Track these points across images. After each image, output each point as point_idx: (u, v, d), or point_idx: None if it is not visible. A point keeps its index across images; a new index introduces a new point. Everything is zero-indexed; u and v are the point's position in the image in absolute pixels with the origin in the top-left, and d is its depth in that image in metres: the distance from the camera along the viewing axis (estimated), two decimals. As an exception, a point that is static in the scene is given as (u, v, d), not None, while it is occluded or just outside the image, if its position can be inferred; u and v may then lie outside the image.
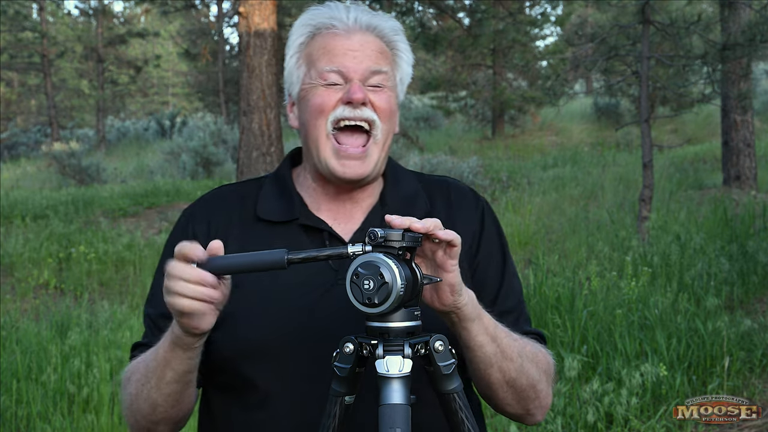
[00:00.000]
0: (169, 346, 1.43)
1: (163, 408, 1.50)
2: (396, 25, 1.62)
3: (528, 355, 1.55)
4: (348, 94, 1.53)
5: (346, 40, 1.56)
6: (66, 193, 14.66)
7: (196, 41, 27.53)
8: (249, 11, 10.28)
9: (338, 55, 1.55)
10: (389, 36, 1.61)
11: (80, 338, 5.68)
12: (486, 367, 1.50)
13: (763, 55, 10.57)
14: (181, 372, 1.45)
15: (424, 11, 17.87)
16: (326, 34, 1.57)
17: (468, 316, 1.43)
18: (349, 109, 1.54)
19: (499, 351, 1.49)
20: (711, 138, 18.55)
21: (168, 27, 42.24)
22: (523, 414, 1.60)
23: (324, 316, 1.52)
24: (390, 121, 1.59)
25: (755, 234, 7.80)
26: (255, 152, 10.43)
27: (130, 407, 1.55)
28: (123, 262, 9.26)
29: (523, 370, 1.53)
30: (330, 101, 1.55)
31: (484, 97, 21.49)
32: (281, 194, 1.64)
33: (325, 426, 1.39)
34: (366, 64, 1.55)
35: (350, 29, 1.57)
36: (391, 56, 1.61)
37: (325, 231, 1.59)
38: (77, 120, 38.26)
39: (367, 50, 1.56)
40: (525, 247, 8.93)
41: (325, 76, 1.55)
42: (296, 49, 1.60)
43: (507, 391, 1.54)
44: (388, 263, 1.30)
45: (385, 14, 1.62)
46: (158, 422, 1.53)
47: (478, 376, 1.53)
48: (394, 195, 1.64)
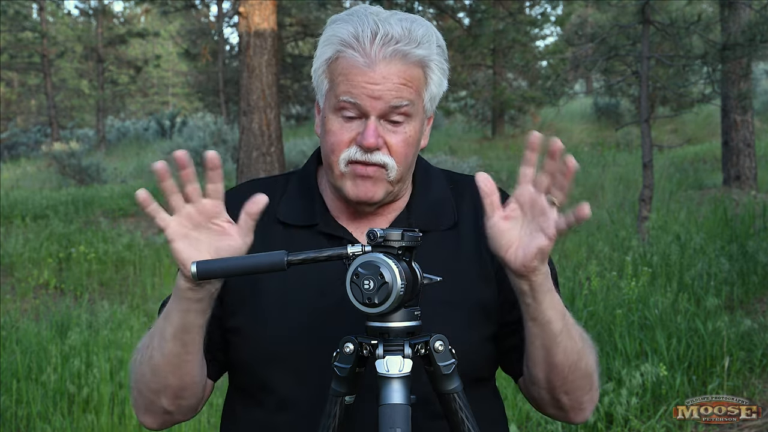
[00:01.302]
0: (171, 297, 1.44)
1: (163, 373, 1.47)
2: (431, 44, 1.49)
3: (585, 340, 1.52)
4: (362, 138, 1.47)
5: (367, 72, 1.45)
6: (66, 193, 14.66)
7: (196, 41, 27.53)
8: (249, 11, 10.28)
9: (357, 87, 1.46)
10: (423, 59, 1.49)
11: (80, 338, 5.68)
12: (551, 345, 1.45)
13: (763, 55, 10.57)
14: (178, 326, 1.42)
15: (424, 11, 17.87)
16: (349, 61, 1.47)
17: (542, 286, 1.41)
18: (361, 153, 1.48)
19: (565, 329, 1.45)
20: (711, 138, 18.55)
21: (168, 27, 42.24)
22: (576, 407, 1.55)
23: (342, 319, 1.50)
24: (406, 159, 1.52)
25: (755, 234, 7.81)
26: (255, 152, 10.43)
27: (135, 376, 1.53)
28: (123, 262, 9.26)
29: (583, 354, 1.49)
30: (344, 139, 1.48)
31: (484, 97, 21.48)
32: (304, 196, 1.60)
33: (325, 426, 1.39)
34: (386, 100, 1.46)
35: (373, 60, 1.45)
36: (421, 79, 1.50)
37: (345, 239, 1.55)
38: (77, 120, 38.26)
39: (389, 83, 1.45)
40: (525, 247, 8.92)
41: (343, 105, 1.48)
42: (321, 64, 1.52)
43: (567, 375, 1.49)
44: (388, 263, 1.30)
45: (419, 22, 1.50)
46: (159, 391, 1.50)
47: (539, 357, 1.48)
48: (421, 202, 1.61)
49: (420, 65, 1.49)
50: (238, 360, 1.56)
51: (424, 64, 1.50)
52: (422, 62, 1.49)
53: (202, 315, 1.43)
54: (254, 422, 1.57)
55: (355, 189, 1.51)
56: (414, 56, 1.47)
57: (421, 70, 1.50)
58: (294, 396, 1.52)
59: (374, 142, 1.46)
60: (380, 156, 1.49)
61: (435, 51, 1.51)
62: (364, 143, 1.46)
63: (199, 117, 29.73)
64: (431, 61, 1.50)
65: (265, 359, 1.52)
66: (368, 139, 1.46)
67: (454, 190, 1.64)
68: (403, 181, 1.56)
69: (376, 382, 1.34)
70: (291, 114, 22.68)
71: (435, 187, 1.63)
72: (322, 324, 1.52)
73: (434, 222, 1.58)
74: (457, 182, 1.67)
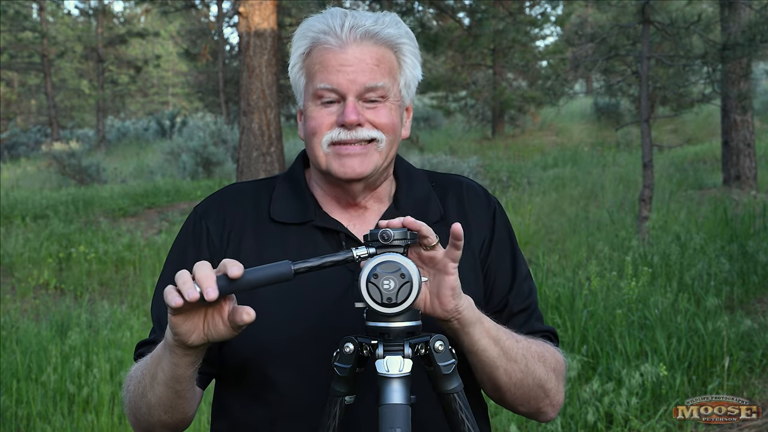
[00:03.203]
0: (162, 344, 1.42)
1: (156, 411, 1.48)
2: (397, 31, 1.55)
3: (533, 355, 1.54)
4: (342, 116, 1.50)
5: (340, 54, 1.50)
6: (66, 193, 14.66)
7: (196, 41, 27.51)
8: (249, 11, 10.28)
9: (332, 72, 1.50)
10: (391, 40, 1.54)
11: (80, 338, 5.68)
12: (491, 370, 1.50)
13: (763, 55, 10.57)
14: (169, 375, 1.41)
15: (424, 11, 17.86)
16: (321, 48, 1.52)
17: (469, 319, 1.43)
18: (345, 132, 1.51)
19: (502, 353, 1.49)
20: (711, 138, 18.54)
21: (168, 27, 42.22)
22: (535, 412, 1.60)
23: (342, 316, 1.51)
24: (393, 132, 1.55)
25: (755, 234, 7.81)
26: (255, 152, 10.43)
27: (130, 405, 1.54)
28: (123, 262, 9.26)
29: (528, 371, 1.53)
30: (324, 122, 1.52)
31: (484, 97, 21.48)
32: (295, 195, 1.62)
33: (325, 426, 1.39)
34: (361, 80, 1.50)
35: (345, 42, 1.51)
36: (393, 62, 1.55)
37: (341, 233, 1.57)
38: (77, 120, 38.28)
39: (362, 64, 1.50)
40: (525, 247, 8.93)
41: (320, 93, 1.51)
42: (297, 59, 1.57)
43: (515, 392, 1.54)
44: (407, 262, 1.32)
45: (388, 17, 1.56)
46: (155, 425, 1.51)
47: (484, 380, 1.53)
48: (407, 197, 1.63)
49: (391, 47, 1.54)
50: (239, 357, 1.55)
51: (396, 48, 1.55)
52: (393, 44, 1.54)
53: (191, 366, 1.41)
54: (253, 421, 1.56)
55: (342, 167, 1.53)
56: (384, 35, 1.52)
57: (392, 53, 1.55)
58: (294, 392, 1.52)
59: (356, 118, 1.50)
60: (365, 131, 1.52)
61: (405, 34, 1.56)
62: (346, 120, 1.49)
63: (199, 117, 29.76)
64: (402, 43, 1.55)
65: (266, 355, 1.52)
66: (349, 116, 1.49)
67: (436, 187, 1.67)
68: (391, 163, 1.59)
69: (376, 382, 1.34)
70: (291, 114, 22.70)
71: (418, 184, 1.66)
72: (324, 320, 1.52)
73: (423, 215, 1.59)
74: (438, 180, 1.70)
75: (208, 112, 29.45)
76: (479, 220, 1.65)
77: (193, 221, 1.63)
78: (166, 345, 1.39)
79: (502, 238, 1.67)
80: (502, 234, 1.67)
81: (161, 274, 1.63)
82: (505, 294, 1.64)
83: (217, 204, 1.64)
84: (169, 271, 1.61)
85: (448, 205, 1.65)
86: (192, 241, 1.61)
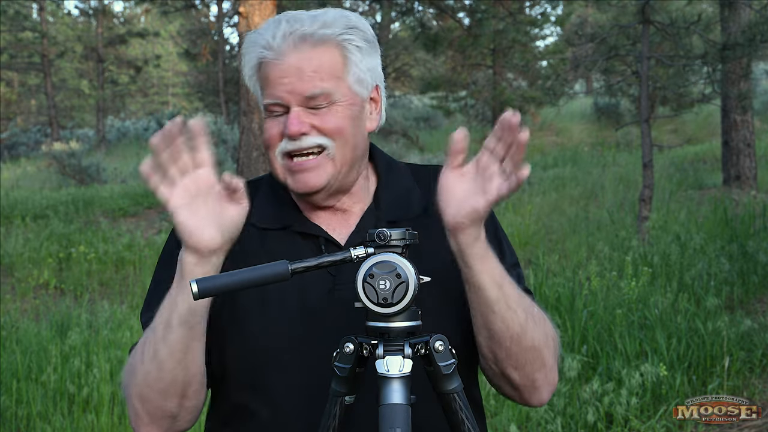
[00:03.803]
0: (175, 283, 1.43)
1: (169, 366, 1.44)
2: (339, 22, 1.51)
3: (534, 316, 1.51)
4: (286, 129, 1.50)
5: (278, 65, 1.49)
6: (66, 193, 14.66)
7: (196, 41, 27.51)
8: (249, 11, 10.29)
9: (274, 86, 1.50)
10: (330, 39, 1.50)
11: (80, 338, 5.68)
12: (488, 312, 1.46)
13: (763, 55, 10.57)
14: (185, 310, 1.41)
15: (424, 11, 17.87)
16: (264, 63, 1.51)
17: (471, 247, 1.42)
18: (291, 142, 1.51)
19: (502, 298, 1.45)
20: (711, 138, 18.54)
21: (168, 27, 42.21)
22: (529, 385, 1.53)
23: (325, 321, 1.51)
24: (343, 135, 1.52)
25: (755, 234, 7.81)
26: (255, 152, 10.43)
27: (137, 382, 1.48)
28: (123, 262, 9.26)
29: (528, 328, 1.48)
30: (274, 134, 1.52)
31: (484, 97, 21.47)
32: (276, 199, 1.62)
33: (325, 426, 1.39)
34: (299, 90, 1.48)
35: (280, 52, 1.48)
36: (335, 61, 1.50)
37: (320, 237, 1.56)
38: (77, 120, 38.27)
39: (300, 73, 1.48)
40: (525, 247, 8.93)
41: (269, 108, 1.52)
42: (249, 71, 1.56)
43: (510, 347, 1.48)
44: (403, 262, 1.32)
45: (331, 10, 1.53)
46: (165, 390, 1.46)
47: (479, 325, 1.49)
48: (386, 195, 1.62)
49: (332, 45, 1.50)
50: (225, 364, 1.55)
51: (338, 44, 1.51)
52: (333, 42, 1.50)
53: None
54: (243, 427, 1.56)
55: (295, 183, 1.53)
56: (320, 36, 1.49)
57: (334, 50, 1.51)
58: (281, 398, 1.52)
59: (297, 129, 1.49)
60: (312, 139, 1.51)
61: (347, 28, 1.51)
62: (288, 132, 1.49)
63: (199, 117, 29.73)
64: (344, 39, 1.51)
65: (251, 361, 1.52)
66: (291, 127, 1.49)
67: (418, 181, 1.66)
68: (353, 165, 1.56)
69: (376, 382, 1.34)
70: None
71: (399, 179, 1.65)
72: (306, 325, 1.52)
73: (403, 211, 1.59)
74: (420, 173, 1.68)
75: (208, 112, 29.45)
76: None
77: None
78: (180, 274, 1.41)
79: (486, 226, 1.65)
80: (486, 222, 1.66)
81: (152, 280, 1.63)
82: None
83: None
84: (158, 276, 1.61)
85: (432, 197, 1.61)
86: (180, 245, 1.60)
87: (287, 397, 1.52)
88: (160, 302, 1.48)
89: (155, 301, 1.50)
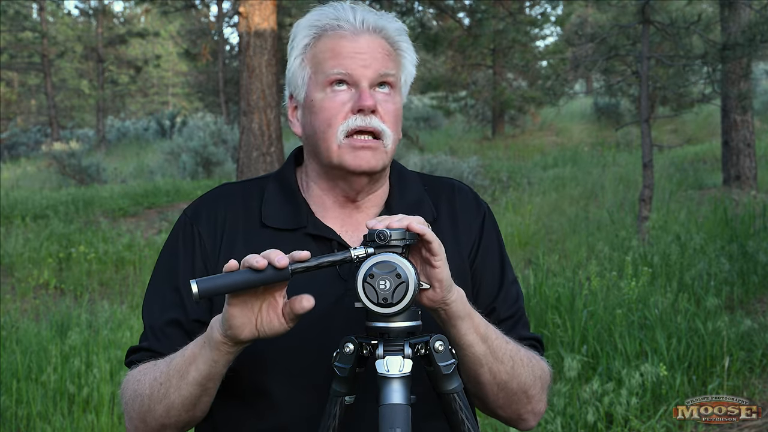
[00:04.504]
0: (199, 344, 1.42)
1: (176, 411, 1.46)
2: (400, 26, 1.56)
3: (521, 360, 1.53)
4: (359, 101, 1.48)
5: (353, 41, 1.50)
6: (66, 193, 14.65)
7: (196, 41, 27.51)
8: (249, 11, 10.28)
9: (346, 58, 1.49)
10: (394, 37, 1.55)
11: (80, 338, 5.68)
12: (476, 367, 1.48)
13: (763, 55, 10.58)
14: (204, 374, 1.41)
15: (424, 11, 17.86)
16: (332, 35, 1.51)
17: (456, 313, 1.42)
18: (360, 118, 1.49)
19: (489, 352, 1.47)
20: (711, 138, 18.54)
21: (168, 27, 42.20)
22: (515, 418, 1.59)
23: (335, 326, 1.50)
24: (397, 128, 1.54)
25: (755, 234, 7.80)
26: (255, 152, 10.43)
27: (141, 410, 1.49)
28: (123, 262, 9.26)
29: (514, 374, 1.51)
30: (340, 110, 1.50)
31: (484, 97, 21.47)
32: (287, 199, 1.59)
33: (325, 426, 1.39)
34: (375, 68, 1.50)
35: (357, 31, 1.51)
36: (396, 58, 1.55)
37: (333, 240, 1.55)
38: (77, 120, 38.27)
39: (375, 53, 1.50)
40: (525, 247, 8.93)
41: (333, 78, 1.50)
42: (300, 51, 1.54)
43: (497, 393, 1.53)
44: (403, 262, 1.31)
45: (389, 14, 1.57)
46: (167, 425, 1.49)
47: (468, 376, 1.51)
48: (400, 201, 1.61)
49: (394, 44, 1.55)
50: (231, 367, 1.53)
51: (397, 44, 1.55)
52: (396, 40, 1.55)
53: (228, 364, 1.43)
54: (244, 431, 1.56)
55: (357, 159, 1.50)
56: (390, 31, 1.54)
57: (394, 49, 1.55)
58: (288, 403, 1.51)
59: (372, 103, 1.49)
60: (377, 121, 1.50)
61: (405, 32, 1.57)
62: (364, 104, 1.48)
63: (199, 117, 29.76)
64: (403, 40, 1.56)
65: (260, 365, 1.52)
66: (366, 100, 1.48)
67: (429, 190, 1.66)
68: (391, 160, 1.58)
69: (376, 382, 1.34)
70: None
71: (411, 187, 1.65)
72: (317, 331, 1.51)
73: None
74: (431, 183, 1.68)
75: (208, 112, 29.45)
76: (469, 224, 1.64)
77: (183, 225, 1.60)
78: (208, 343, 1.40)
79: (491, 243, 1.66)
80: (491, 239, 1.66)
81: (152, 280, 1.60)
82: (492, 299, 1.63)
83: (207, 207, 1.61)
84: (160, 276, 1.59)
85: (440, 208, 1.64)
86: (183, 246, 1.58)
87: (293, 402, 1.51)
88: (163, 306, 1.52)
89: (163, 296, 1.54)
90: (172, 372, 1.45)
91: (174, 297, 1.55)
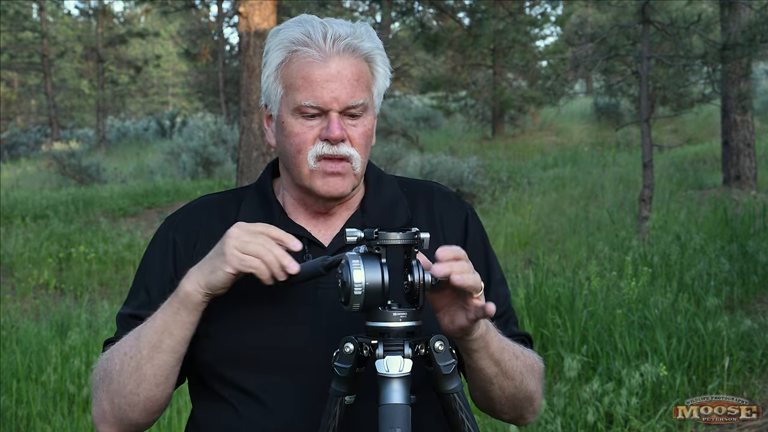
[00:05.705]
0: (170, 312, 1.47)
1: (147, 384, 1.49)
2: (373, 39, 1.56)
3: (528, 369, 1.57)
4: (327, 132, 1.51)
5: (323, 68, 1.50)
6: (66, 193, 14.65)
7: (196, 41, 27.50)
8: (249, 11, 10.28)
9: (316, 88, 1.50)
10: (368, 53, 1.55)
11: (80, 338, 5.68)
12: (486, 385, 1.53)
13: (763, 55, 10.58)
14: (180, 338, 1.47)
15: (424, 11, 17.87)
16: (304, 60, 1.51)
17: (476, 342, 1.45)
18: (328, 146, 1.52)
19: (500, 372, 1.51)
20: (711, 138, 18.53)
21: (168, 27, 42.19)
22: (517, 418, 1.64)
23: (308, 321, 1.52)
24: (366, 150, 1.57)
25: (755, 234, 7.80)
26: (255, 152, 10.43)
27: (110, 388, 1.53)
28: (123, 262, 9.26)
29: (522, 386, 1.55)
30: (308, 137, 1.53)
31: (484, 97, 21.48)
32: (262, 204, 1.63)
33: (325, 426, 1.39)
34: (344, 98, 1.51)
35: (327, 55, 1.50)
36: (369, 74, 1.56)
37: (304, 237, 1.57)
38: (77, 120, 38.26)
39: (344, 79, 1.51)
40: (525, 247, 8.93)
41: (303, 109, 1.52)
42: (274, 69, 1.55)
43: (505, 403, 1.57)
44: (351, 263, 1.32)
45: (363, 25, 1.57)
46: (137, 404, 1.51)
47: (477, 391, 1.56)
48: (374, 203, 1.63)
49: (366, 60, 1.55)
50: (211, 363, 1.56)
51: (370, 59, 1.56)
52: (369, 56, 1.55)
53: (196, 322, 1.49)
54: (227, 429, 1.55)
55: (326, 186, 1.54)
56: (362, 49, 1.53)
57: (367, 64, 1.56)
58: (267, 397, 1.52)
59: (340, 134, 1.51)
60: (346, 148, 1.53)
61: (378, 46, 1.57)
62: (331, 135, 1.51)
63: (199, 117, 29.74)
64: (377, 55, 1.56)
65: (238, 360, 1.53)
66: (334, 131, 1.51)
67: (407, 193, 1.68)
68: (360, 179, 1.61)
69: (376, 382, 1.34)
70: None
71: (387, 190, 1.66)
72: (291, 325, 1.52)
73: (388, 221, 1.60)
74: (409, 186, 1.70)
75: (208, 112, 29.44)
76: (451, 225, 1.65)
77: (164, 230, 1.67)
78: (184, 307, 1.46)
79: (475, 243, 1.66)
80: (475, 239, 1.67)
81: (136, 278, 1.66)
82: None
83: (185, 217, 1.67)
84: (137, 276, 1.66)
85: (417, 210, 1.65)
86: (160, 250, 1.64)
87: (272, 397, 1.51)
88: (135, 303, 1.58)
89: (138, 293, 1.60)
90: (142, 344, 1.49)
91: (144, 296, 1.61)
